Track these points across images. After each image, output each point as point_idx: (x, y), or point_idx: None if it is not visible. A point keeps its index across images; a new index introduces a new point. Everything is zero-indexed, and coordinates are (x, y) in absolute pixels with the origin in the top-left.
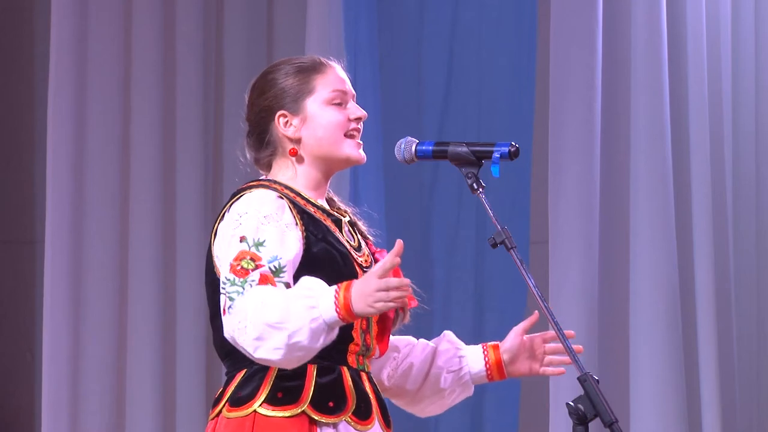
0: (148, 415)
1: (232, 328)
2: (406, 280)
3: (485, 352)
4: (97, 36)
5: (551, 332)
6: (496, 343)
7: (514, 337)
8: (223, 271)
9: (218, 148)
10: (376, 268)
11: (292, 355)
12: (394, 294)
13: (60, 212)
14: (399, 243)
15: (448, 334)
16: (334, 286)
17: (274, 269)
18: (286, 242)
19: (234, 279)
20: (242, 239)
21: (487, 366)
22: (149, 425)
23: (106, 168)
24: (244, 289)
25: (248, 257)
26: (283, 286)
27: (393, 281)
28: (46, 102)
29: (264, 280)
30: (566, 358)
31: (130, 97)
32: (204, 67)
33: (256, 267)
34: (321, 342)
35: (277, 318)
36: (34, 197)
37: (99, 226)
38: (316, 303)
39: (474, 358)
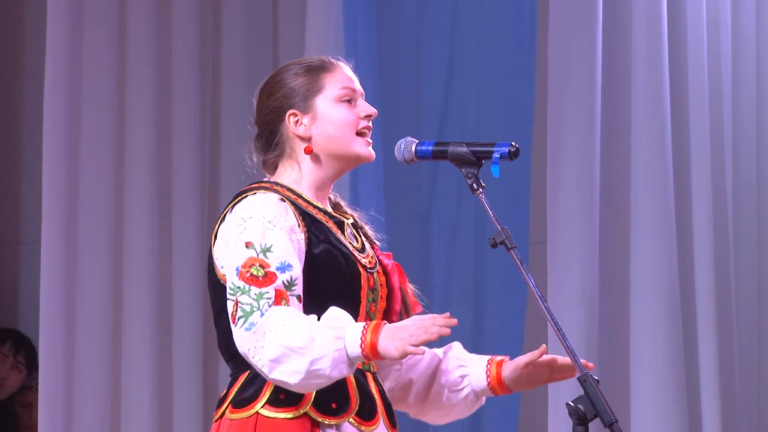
0: (144, 416)
1: (248, 345)
2: (454, 321)
3: (488, 371)
4: (92, 36)
5: (561, 363)
6: (501, 359)
7: (514, 369)
8: (230, 276)
9: (215, 148)
10: (424, 320)
11: (310, 381)
12: (423, 338)
13: (56, 213)
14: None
15: (456, 348)
16: (363, 323)
17: (286, 283)
18: (293, 248)
19: (244, 287)
20: (248, 245)
21: (489, 384)
22: (146, 426)
23: (102, 169)
24: (259, 305)
25: (257, 264)
26: (295, 299)
27: (439, 320)
28: (36, 101)
29: (279, 297)
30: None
31: (126, 97)
32: (201, 68)
33: (266, 275)
34: (340, 374)
35: (300, 343)
36: (21, 198)
37: (95, 227)
38: (342, 334)
39: (477, 377)
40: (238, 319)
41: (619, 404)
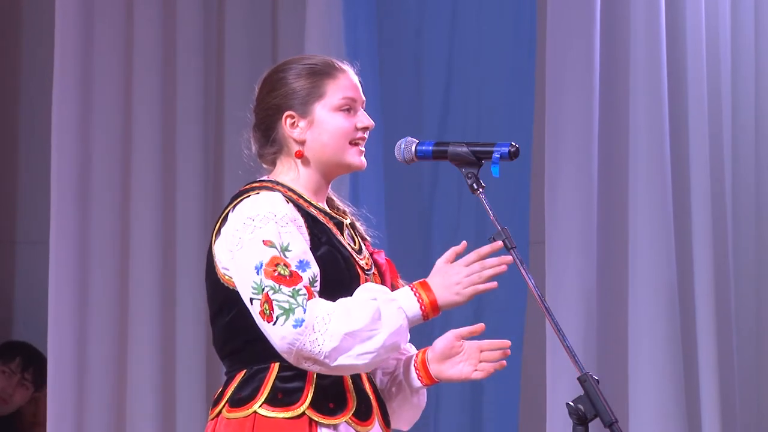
0: (148, 415)
1: (298, 341)
2: (507, 258)
3: (417, 354)
4: (100, 35)
5: (489, 342)
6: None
7: (445, 339)
8: (248, 274)
9: (219, 150)
10: (469, 256)
11: (380, 357)
12: (488, 272)
13: (64, 213)
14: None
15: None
16: (407, 287)
17: (311, 280)
18: (307, 245)
19: (275, 286)
20: (267, 243)
21: (416, 366)
22: (149, 425)
23: (108, 171)
24: (298, 301)
25: (282, 263)
26: (315, 293)
27: (489, 261)
28: (34, 100)
29: (310, 293)
30: (500, 362)
31: (131, 99)
32: (205, 68)
33: (291, 275)
34: (405, 341)
35: (361, 324)
36: (18, 197)
37: (101, 228)
38: (399, 304)
39: (406, 362)
40: (278, 317)
41: (617, 403)
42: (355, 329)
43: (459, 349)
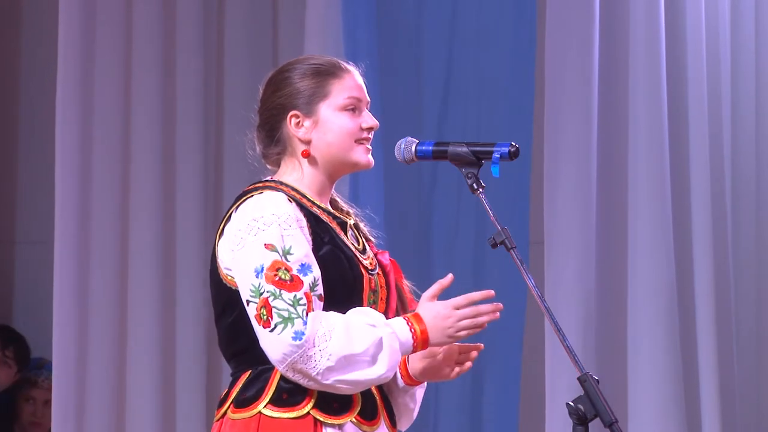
0: (148, 415)
1: (293, 353)
2: (500, 305)
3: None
4: (101, 40)
5: (466, 345)
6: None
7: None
8: (248, 277)
9: (219, 150)
10: (459, 300)
11: (369, 386)
12: (482, 319)
13: (67, 214)
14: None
15: None
16: (401, 318)
17: (311, 285)
18: (309, 248)
19: (276, 291)
20: (269, 247)
21: (399, 366)
22: (149, 425)
23: (108, 171)
24: (298, 312)
25: (283, 267)
26: (316, 299)
27: (483, 308)
28: (34, 101)
29: (309, 302)
30: (466, 364)
31: (132, 100)
32: (205, 68)
33: (292, 279)
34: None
35: (359, 350)
36: (17, 197)
37: (101, 228)
38: (398, 338)
39: None
40: (276, 325)
41: (617, 403)
42: (353, 353)
43: (438, 349)
